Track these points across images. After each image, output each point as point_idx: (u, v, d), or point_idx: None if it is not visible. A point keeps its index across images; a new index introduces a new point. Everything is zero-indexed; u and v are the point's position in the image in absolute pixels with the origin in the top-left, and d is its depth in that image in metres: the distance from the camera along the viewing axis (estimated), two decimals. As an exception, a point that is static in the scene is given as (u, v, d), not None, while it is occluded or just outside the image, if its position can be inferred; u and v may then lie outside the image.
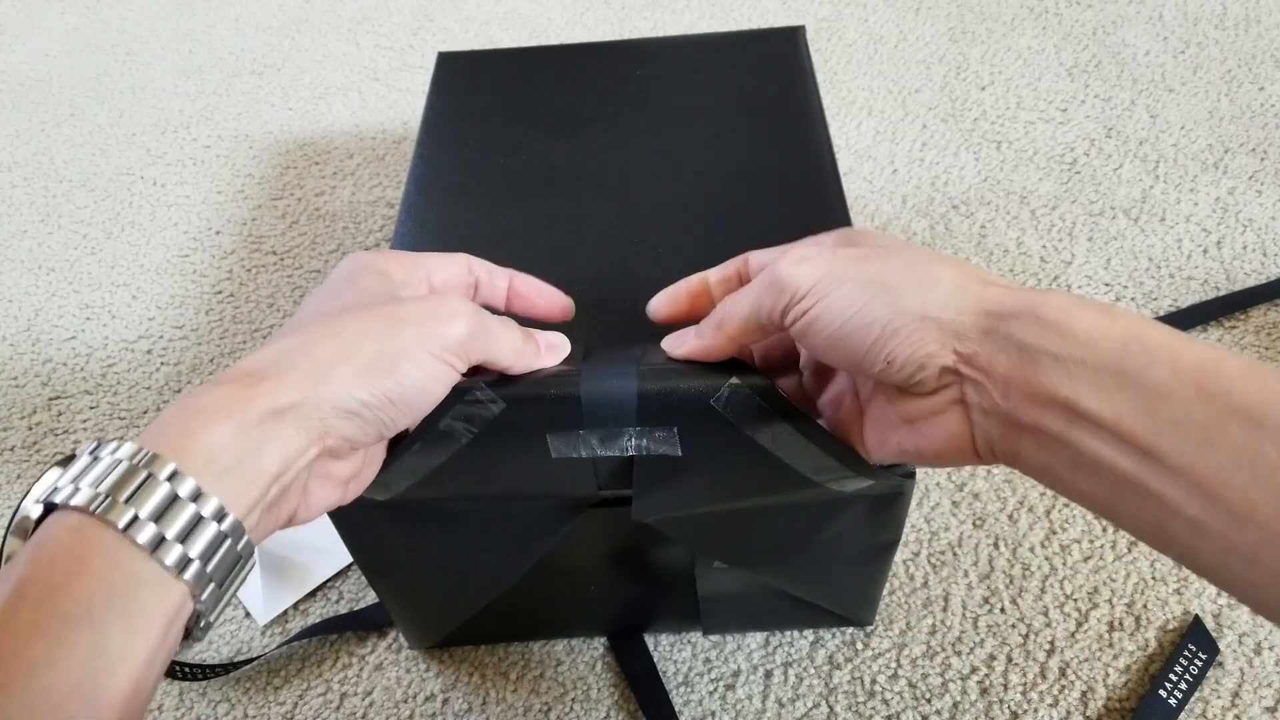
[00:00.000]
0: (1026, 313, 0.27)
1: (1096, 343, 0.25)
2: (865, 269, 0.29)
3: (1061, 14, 0.93)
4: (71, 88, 0.99)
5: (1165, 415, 0.24)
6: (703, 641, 0.51)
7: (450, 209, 0.50)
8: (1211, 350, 0.25)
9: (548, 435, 0.35)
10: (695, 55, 0.60)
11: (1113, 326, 0.25)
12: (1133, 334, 0.25)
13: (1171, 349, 0.25)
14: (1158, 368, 0.24)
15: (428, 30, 1.01)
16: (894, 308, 0.28)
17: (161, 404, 0.66)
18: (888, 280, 0.29)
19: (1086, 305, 0.26)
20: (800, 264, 0.30)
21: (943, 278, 0.29)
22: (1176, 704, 0.46)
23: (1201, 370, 0.24)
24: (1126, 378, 0.25)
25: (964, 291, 0.28)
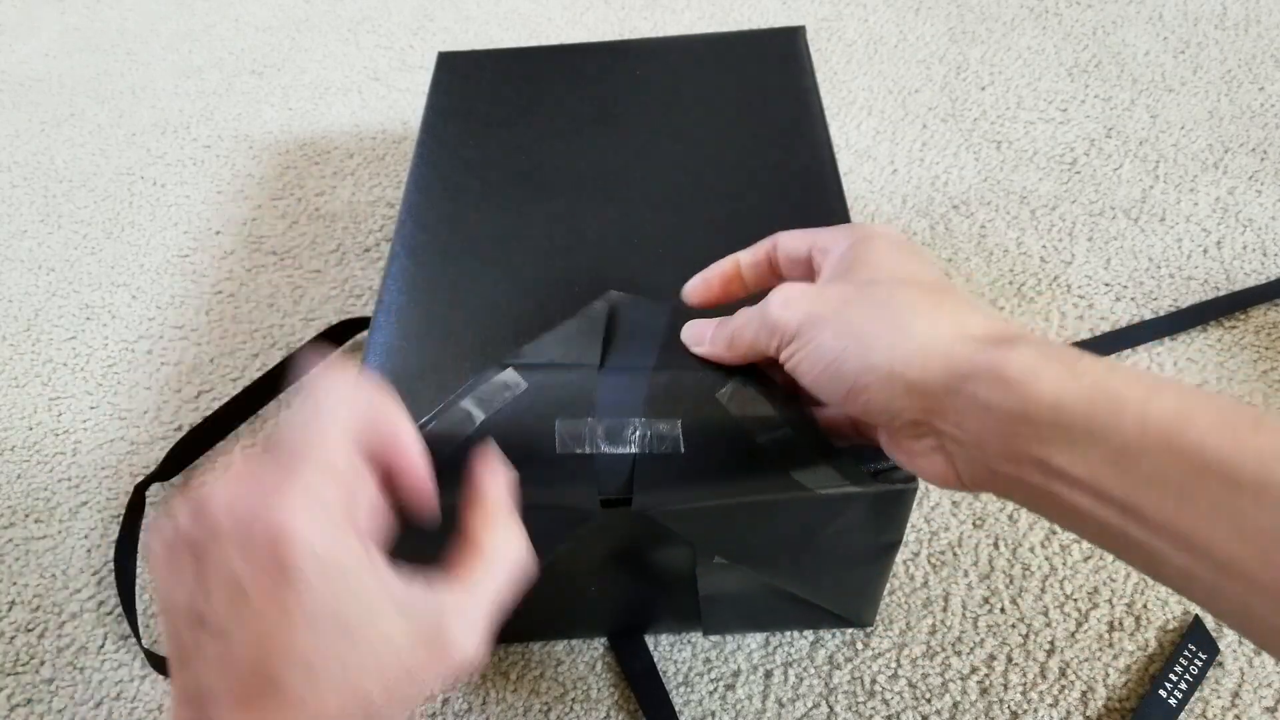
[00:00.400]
0: (989, 374, 0.27)
1: (1063, 403, 0.25)
2: (844, 316, 0.30)
3: (1061, 14, 0.93)
4: (71, 88, 0.99)
5: (1139, 473, 0.24)
6: (703, 642, 0.51)
7: (450, 209, 0.50)
8: (1181, 398, 0.24)
9: (556, 421, 0.35)
10: (695, 55, 0.60)
11: (1078, 383, 0.25)
12: (1100, 390, 0.25)
13: (1140, 402, 0.24)
14: (1128, 424, 0.24)
15: (428, 30, 1.01)
16: (864, 361, 0.29)
17: (162, 404, 0.66)
18: (863, 331, 0.29)
19: (1052, 359, 0.26)
20: (787, 307, 0.31)
21: (915, 330, 0.29)
22: (1176, 704, 0.46)
23: (1172, 424, 0.24)
24: (1096, 436, 0.25)
25: (931, 348, 0.28)
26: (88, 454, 0.63)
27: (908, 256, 0.32)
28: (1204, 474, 0.23)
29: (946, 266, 0.69)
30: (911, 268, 0.32)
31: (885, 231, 0.33)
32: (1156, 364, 0.61)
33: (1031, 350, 0.27)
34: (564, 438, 0.36)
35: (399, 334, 0.44)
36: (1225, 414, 0.23)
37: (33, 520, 0.60)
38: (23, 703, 0.52)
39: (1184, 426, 0.23)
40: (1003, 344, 0.27)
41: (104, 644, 0.54)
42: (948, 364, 0.27)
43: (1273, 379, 0.60)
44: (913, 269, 0.31)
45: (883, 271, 0.31)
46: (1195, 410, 0.24)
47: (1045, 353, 0.26)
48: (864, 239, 0.33)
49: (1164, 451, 0.23)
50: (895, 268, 0.31)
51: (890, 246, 0.32)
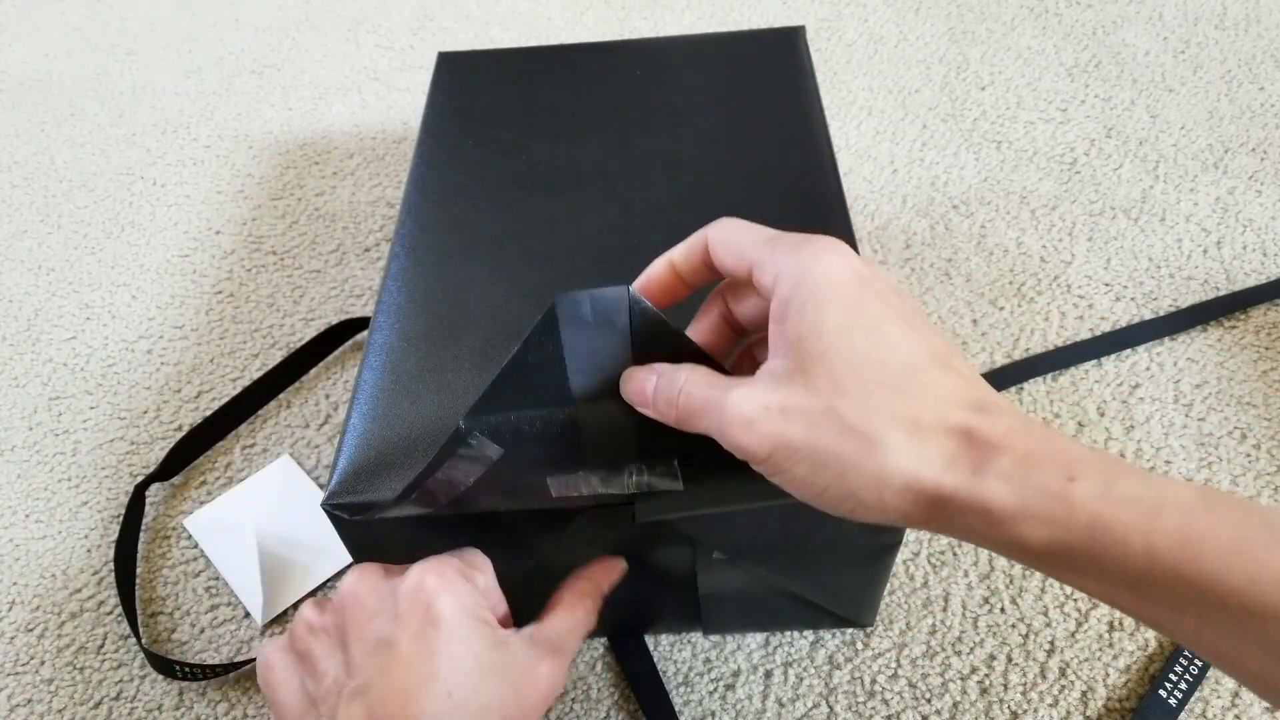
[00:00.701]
0: (977, 509, 0.25)
1: (1062, 542, 0.24)
2: (817, 448, 0.27)
3: (1061, 14, 0.93)
4: (71, 88, 0.99)
5: (1155, 598, 0.23)
6: (703, 642, 0.51)
7: (450, 209, 0.50)
8: (1186, 520, 0.23)
9: (548, 479, 0.34)
10: (695, 55, 0.60)
11: (1073, 518, 0.24)
12: (1098, 525, 0.23)
13: (1143, 533, 0.23)
14: (1133, 559, 0.23)
15: (428, 30, 1.01)
16: (847, 498, 0.27)
17: (162, 404, 0.66)
18: (840, 470, 0.27)
19: (1037, 488, 0.24)
20: (750, 431, 0.28)
21: (895, 464, 0.26)
22: (1177, 704, 0.46)
23: (1181, 554, 0.22)
24: (1100, 570, 0.24)
25: (915, 482, 0.26)
26: (88, 454, 0.63)
27: (861, 312, 0.28)
28: (1223, 605, 0.22)
29: (946, 266, 0.69)
30: (872, 342, 0.27)
31: (832, 272, 0.28)
32: (1156, 364, 0.61)
33: (1015, 476, 0.25)
34: (558, 489, 0.35)
35: (399, 334, 0.44)
36: (1236, 532, 0.22)
37: (33, 520, 0.60)
38: (23, 703, 0.52)
39: (1194, 555, 0.22)
40: (985, 467, 0.25)
41: (104, 644, 0.54)
42: (934, 499, 0.26)
43: (1273, 379, 0.60)
44: (873, 344, 0.27)
45: (842, 364, 0.27)
46: (1203, 534, 0.22)
47: (1029, 479, 0.24)
48: (811, 289, 0.28)
49: (1177, 582, 0.22)
50: (856, 351, 0.27)
51: (842, 303, 0.28)
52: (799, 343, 0.28)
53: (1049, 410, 0.59)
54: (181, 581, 0.56)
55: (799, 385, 0.27)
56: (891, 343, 0.27)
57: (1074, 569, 0.24)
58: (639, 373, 0.32)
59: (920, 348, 0.27)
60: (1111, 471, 0.24)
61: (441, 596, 0.33)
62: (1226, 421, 0.58)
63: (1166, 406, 0.59)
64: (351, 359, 0.68)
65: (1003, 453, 0.25)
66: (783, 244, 0.30)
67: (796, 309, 0.28)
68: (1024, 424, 0.26)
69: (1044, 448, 0.25)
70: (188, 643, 0.53)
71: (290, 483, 0.60)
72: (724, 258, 0.32)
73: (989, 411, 0.26)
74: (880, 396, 0.26)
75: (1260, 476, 0.55)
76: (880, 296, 0.28)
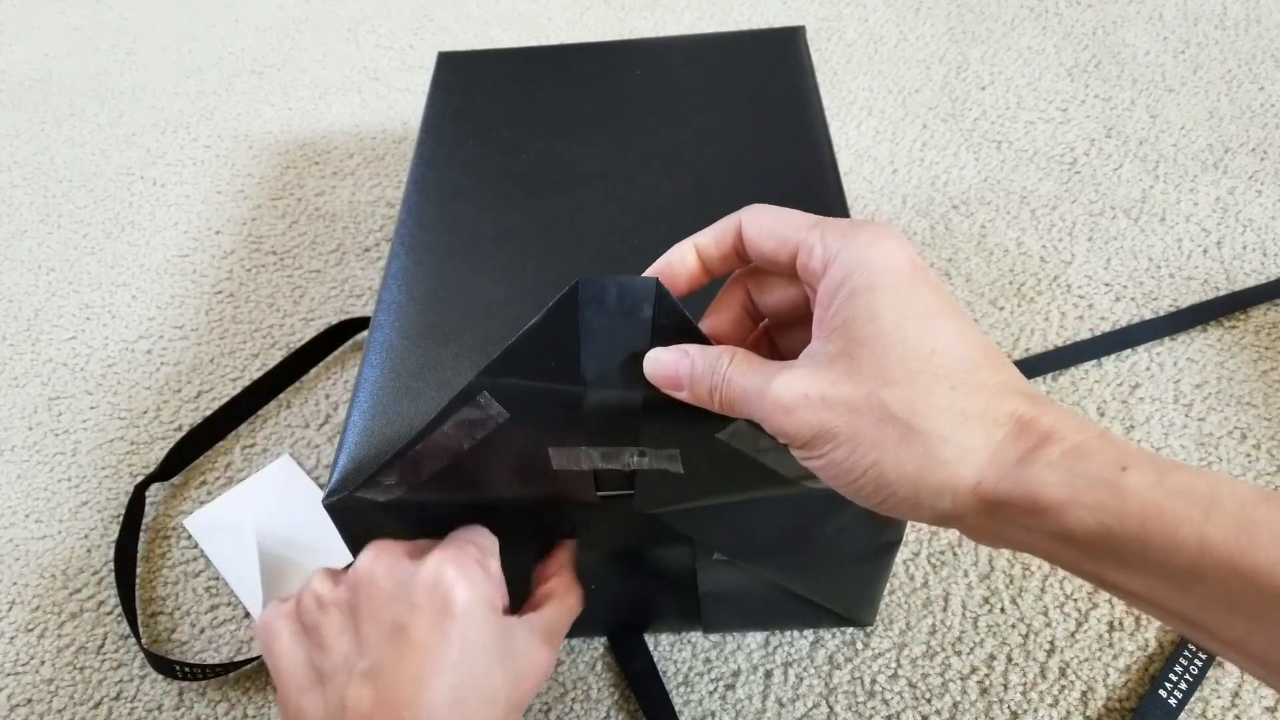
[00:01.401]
0: (1025, 502, 0.24)
1: (1111, 530, 0.23)
2: (861, 435, 0.26)
3: (1061, 14, 0.93)
4: (71, 88, 0.99)
5: (1203, 594, 0.23)
6: (703, 641, 0.51)
7: (450, 209, 0.50)
8: (1241, 512, 0.22)
9: (549, 449, 0.35)
10: (695, 55, 0.60)
11: (1125, 507, 0.23)
12: (1151, 512, 0.23)
13: (1196, 523, 0.22)
14: (1185, 548, 0.22)
15: (428, 30, 1.01)
16: (888, 489, 0.26)
17: (162, 404, 0.66)
18: (884, 460, 0.26)
19: (1089, 477, 0.24)
20: (791, 414, 0.27)
21: (941, 456, 0.25)
22: (1177, 704, 0.46)
23: (1234, 546, 0.22)
24: (1150, 561, 0.23)
25: (961, 478, 0.25)
26: (88, 454, 0.63)
27: (915, 301, 0.27)
28: (1275, 601, 0.21)
29: (946, 266, 0.69)
30: (923, 331, 0.27)
31: (889, 258, 0.28)
32: (1156, 364, 0.61)
33: (1065, 465, 0.24)
34: (559, 460, 0.35)
35: (399, 333, 0.44)
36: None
37: (33, 520, 0.60)
38: (23, 703, 0.52)
39: (1248, 548, 0.22)
40: (1034, 456, 0.25)
41: (104, 644, 0.54)
42: (979, 493, 0.25)
43: (1273, 379, 0.60)
44: (924, 333, 0.27)
45: (891, 351, 0.26)
46: (1258, 527, 0.22)
47: (1080, 468, 0.24)
48: (866, 274, 0.27)
49: (1229, 576, 0.22)
50: (907, 340, 0.26)
51: (897, 290, 0.27)
52: (847, 327, 0.27)
53: (1049, 410, 0.59)
54: (181, 581, 0.56)
55: (842, 370, 0.27)
56: (943, 333, 0.27)
57: (1121, 562, 0.24)
58: (668, 354, 0.31)
59: (972, 342, 0.27)
60: (1164, 464, 0.24)
61: (459, 587, 0.33)
62: (1226, 421, 0.58)
63: (1166, 406, 0.59)
64: (352, 359, 0.68)
65: (1053, 441, 0.25)
66: (832, 227, 0.29)
67: (848, 293, 0.27)
68: (1075, 419, 0.25)
69: (1096, 440, 0.25)
70: (188, 643, 0.53)
71: (290, 483, 0.60)
72: (762, 242, 0.31)
73: (1041, 403, 0.26)
74: (927, 386, 0.26)
75: (1260, 476, 0.55)
76: (934, 287, 0.28)
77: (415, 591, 0.32)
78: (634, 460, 0.34)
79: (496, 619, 0.34)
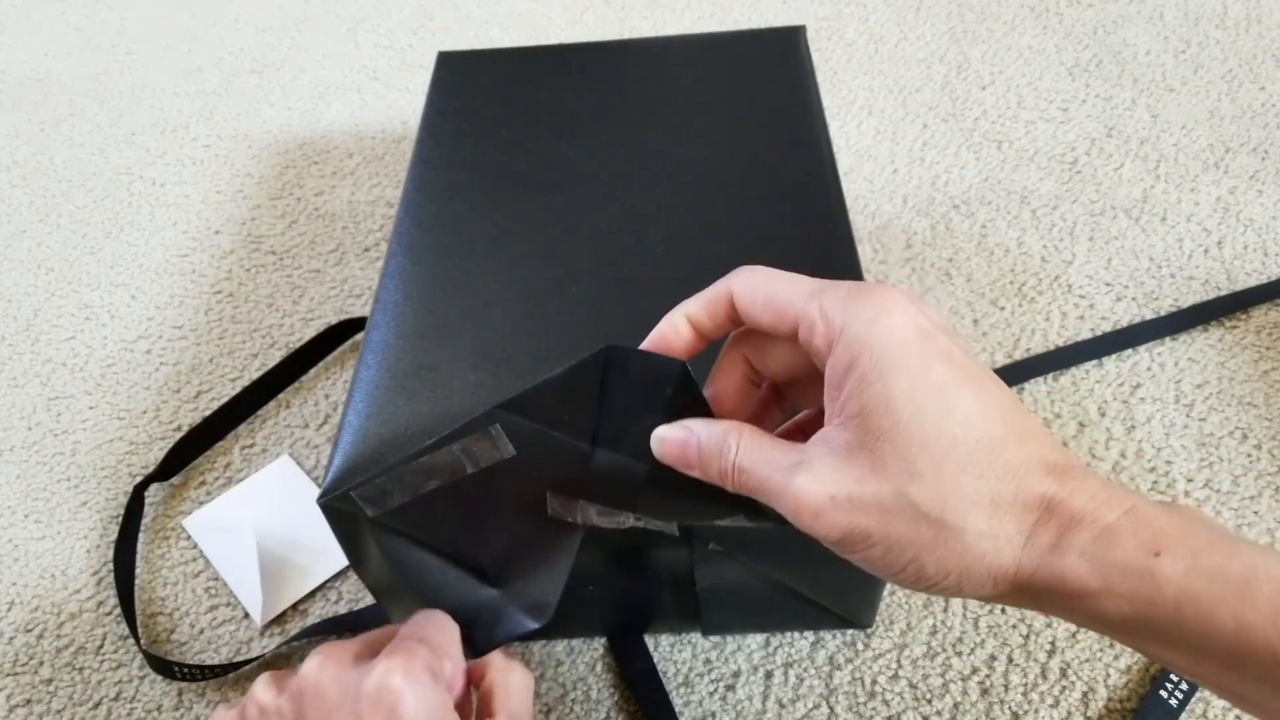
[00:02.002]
0: (1060, 591, 0.24)
1: (1149, 616, 0.23)
2: (893, 535, 0.26)
3: (1062, 13, 0.93)
4: (71, 88, 0.99)
5: (1245, 673, 0.23)
6: (703, 642, 0.50)
7: (450, 209, 0.50)
8: (1276, 593, 0.22)
9: (548, 494, 0.34)
10: (695, 55, 0.60)
11: (1160, 594, 0.23)
12: (1186, 598, 0.23)
13: (1232, 607, 0.22)
14: (1223, 634, 0.22)
15: (428, 30, 1.01)
16: (924, 582, 0.26)
17: (161, 404, 0.66)
18: (919, 557, 0.26)
19: (1126, 574, 0.24)
20: (819, 519, 0.27)
21: (977, 550, 0.25)
22: (1178, 704, 0.46)
23: (1273, 628, 0.22)
24: (1189, 644, 0.23)
25: (995, 565, 0.25)
26: (87, 454, 0.63)
27: (928, 379, 0.26)
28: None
29: (947, 266, 0.69)
30: (941, 413, 0.26)
31: (894, 333, 0.26)
32: (1157, 364, 0.61)
33: (1097, 555, 0.24)
34: (555, 507, 0.35)
35: (396, 333, 0.44)
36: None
37: (32, 520, 0.60)
38: (22, 703, 0.52)
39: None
40: (1066, 544, 0.24)
41: (103, 644, 0.53)
42: (1015, 579, 0.25)
43: (1273, 379, 0.59)
44: (943, 415, 0.26)
45: (913, 443, 0.25)
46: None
47: (1112, 558, 0.24)
48: (874, 356, 0.26)
49: (1268, 659, 0.22)
50: (926, 426, 0.25)
51: (909, 371, 0.26)
52: (863, 417, 0.26)
53: (1050, 410, 0.59)
54: (181, 582, 0.56)
55: (865, 467, 0.26)
56: (963, 414, 0.26)
57: (1163, 643, 0.24)
58: (673, 433, 0.31)
59: (993, 415, 0.26)
60: (1197, 541, 0.23)
61: (405, 700, 0.30)
62: (1227, 422, 0.57)
63: (1167, 406, 0.59)
64: (351, 359, 0.67)
65: (1083, 527, 0.24)
66: (831, 298, 0.27)
67: (857, 380, 0.26)
68: (1105, 491, 0.25)
69: (1128, 520, 0.24)
70: (187, 643, 0.53)
71: (289, 483, 0.60)
72: (758, 314, 0.29)
73: (1067, 478, 0.25)
74: (955, 477, 0.25)
75: (1261, 477, 0.55)
76: (945, 356, 0.26)
77: (360, 702, 0.31)
78: (629, 522, 0.34)
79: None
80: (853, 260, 0.45)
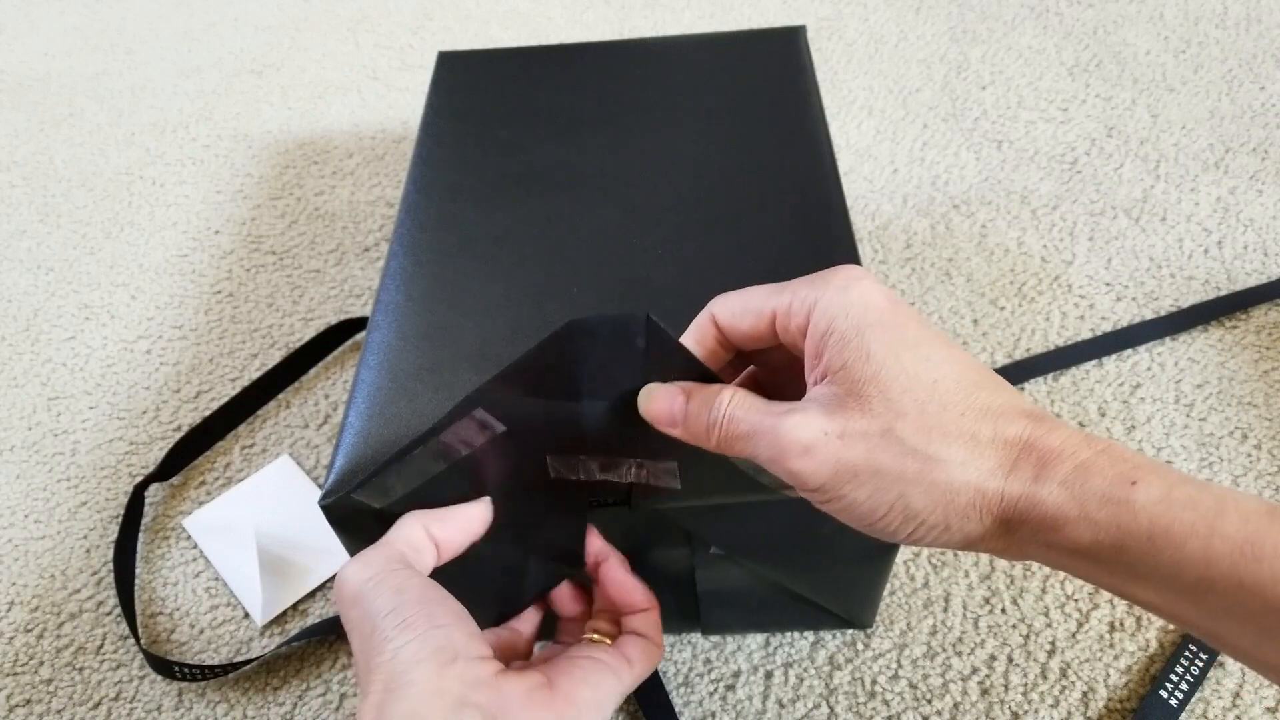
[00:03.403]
0: (1040, 522, 0.25)
1: (1123, 545, 0.24)
2: (879, 473, 0.27)
3: (1062, 13, 0.93)
4: (71, 87, 0.99)
5: (1214, 606, 0.23)
6: (703, 642, 0.50)
7: (450, 209, 0.50)
8: (1246, 523, 0.23)
9: (547, 457, 0.35)
10: (695, 55, 0.59)
11: (1134, 521, 0.24)
12: (1159, 526, 0.23)
13: (1202, 536, 0.23)
14: (1192, 561, 0.23)
15: (428, 30, 1.01)
16: (910, 521, 0.27)
17: (161, 404, 0.66)
18: (904, 493, 0.27)
19: (1103, 501, 0.24)
20: (808, 456, 0.27)
21: (959, 483, 0.26)
22: (1178, 704, 0.46)
23: (1239, 558, 0.22)
24: (1159, 574, 0.24)
25: (979, 501, 0.26)
26: (87, 454, 0.63)
27: (904, 334, 0.28)
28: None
29: (947, 266, 0.69)
30: (920, 361, 0.27)
31: (868, 297, 0.28)
32: (1158, 364, 0.61)
33: (1075, 482, 0.25)
34: (557, 468, 0.35)
35: (396, 333, 0.44)
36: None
37: (32, 520, 0.60)
38: (22, 703, 0.52)
39: (1252, 562, 0.22)
40: (1046, 475, 0.25)
41: (103, 644, 0.53)
42: (1001, 512, 0.26)
43: (1273, 379, 0.59)
44: (921, 363, 0.27)
45: (895, 385, 0.27)
46: (1263, 541, 0.22)
47: (1089, 485, 0.25)
48: (850, 317, 0.28)
49: (1235, 589, 0.22)
50: (907, 371, 0.27)
51: (885, 326, 0.28)
52: (847, 370, 0.27)
53: (1050, 410, 0.59)
54: (181, 582, 0.56)
55: (854, 410, 0.27)
56: (939, 361, 0.27)
57: (1133, 575, 0.24)
58: (662, 391, 0.32)
59: (967, 366, 0.28)
60: (1172, 476, 0.24)
61: (345, 580, 0.31)
62: (1228, 422, 0.57)
63: (1168, 406, 0.59)
64: (351, 359, 0.67)
65: (1063, 459, 0.25)
66: (801, 283, 0.30)
67: (837, 339, 0.28)
68: (1081, 434, 0.26)
69: (1104, 456, 0.25)
70: (187, 643, 0.53)
71: (289, 483, 0.60)
72: (738, 323, 0.31)
73: (1044, 421, 0.26)
74: (937, 414, 0.26)
75: (1261, 477, 0.55)
76: (917, 319, 0.28)
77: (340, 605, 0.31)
78: (631, 473, 0.34)
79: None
80: (853, 260, 0.45)
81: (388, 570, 0.31)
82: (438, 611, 0.30)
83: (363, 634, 0.29)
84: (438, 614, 0.29)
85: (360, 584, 0.30)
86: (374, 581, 0.30)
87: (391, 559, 0.31)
